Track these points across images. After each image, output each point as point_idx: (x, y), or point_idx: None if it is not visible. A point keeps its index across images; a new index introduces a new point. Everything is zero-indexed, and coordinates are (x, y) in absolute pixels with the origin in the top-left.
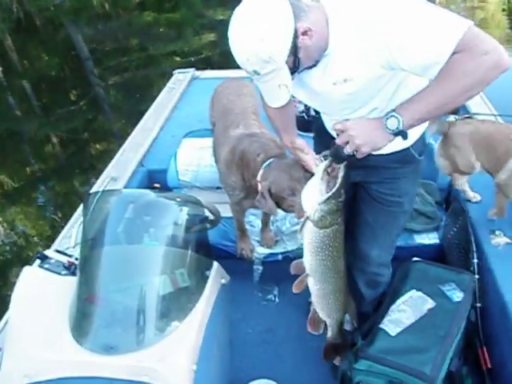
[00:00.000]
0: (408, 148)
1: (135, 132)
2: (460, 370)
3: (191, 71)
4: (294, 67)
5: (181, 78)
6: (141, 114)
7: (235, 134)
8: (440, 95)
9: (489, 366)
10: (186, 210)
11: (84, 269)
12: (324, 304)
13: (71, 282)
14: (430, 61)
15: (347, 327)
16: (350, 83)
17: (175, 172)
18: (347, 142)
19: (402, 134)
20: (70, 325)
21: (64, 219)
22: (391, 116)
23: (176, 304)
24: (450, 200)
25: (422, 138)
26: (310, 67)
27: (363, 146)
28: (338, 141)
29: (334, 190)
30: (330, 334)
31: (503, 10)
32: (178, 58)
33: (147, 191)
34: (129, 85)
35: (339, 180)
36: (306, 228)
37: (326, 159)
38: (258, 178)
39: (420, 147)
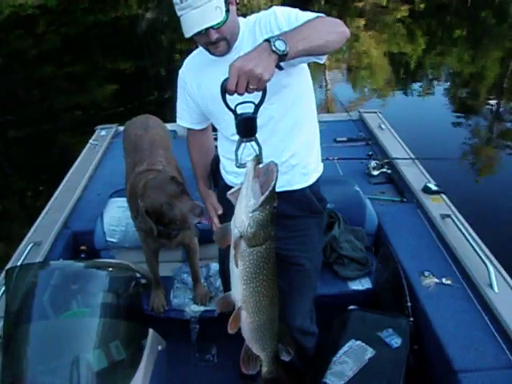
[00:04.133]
0: (306, 188)
1: (58, 192)
2: None
3: (114, 127)
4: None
5: (103, 133)
6: (45, 170)
7: (138, 170)
8: (312, 30)
9: None
10: (115, 277)
11: (8, 349)
12: (258, 337)
13: None
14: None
15: (285, 358)
16: None
17: (102, 233)
18: (247, 86)
19: (281, 60)
20: None
21: None
22: (277, 39)
23: (112, 380)
24: (379, 245)
25: (317, 186)
26: (223, 54)
27: (264, 72)
28: (240, 89)
29: (269, 189)
30: (264, 369)
31: (384, 54)
32: (79, 112)
33: (72, 262)
34: (30, 139)
35: (274, 178)
36: (238, 253)
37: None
38: (139, 201)
39: (318, 194)
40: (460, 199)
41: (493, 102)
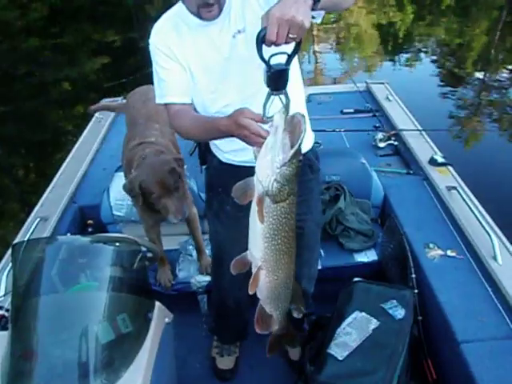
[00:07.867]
0: (308, 151)
1: (64, 167)
2: None
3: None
4: None
5: None
6: (34, 145)
7: (130, 146)
8: None
9: (434, 377)
10: (121, 251)
11: (17, 322)
12: (274, 297)
13: (2, 338)
14: None
15: (297, 315)
16: (243, 35)
17: (108, 207)
18: (287, 35)
19: (313, 9)
20: None
21: None
22: None
23: (119, 352)
24: (385, 217)
25: (314, 150)
26: (213, 19)
27: (305, 19)
28: (280, 38)
29: (298, 142)
30: (276, 327)
31: (373, 25)
32: (68, 86)
33: (79, 237)
34: (17, 114)
35: (302, 130)
36: (263, 210)
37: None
38: (134, 166)
39: (315, 153)
40: (467, 170)
41: (481, 73)
